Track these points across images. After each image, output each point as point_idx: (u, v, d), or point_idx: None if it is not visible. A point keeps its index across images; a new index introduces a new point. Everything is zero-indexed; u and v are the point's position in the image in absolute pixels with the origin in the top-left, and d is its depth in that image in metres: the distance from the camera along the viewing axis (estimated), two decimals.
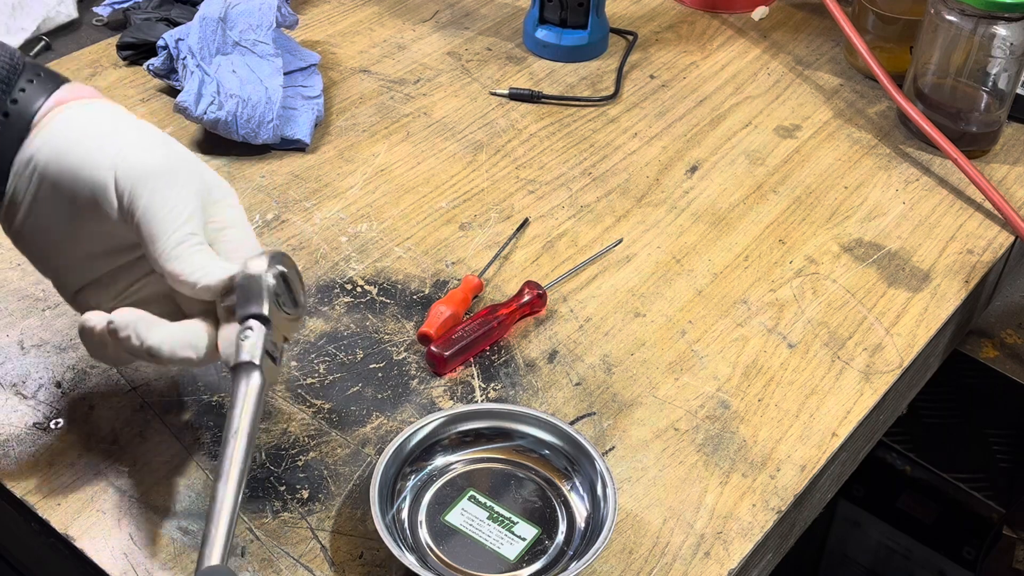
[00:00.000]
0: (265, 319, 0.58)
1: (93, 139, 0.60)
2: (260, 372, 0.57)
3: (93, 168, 0.60)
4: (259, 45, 0.94)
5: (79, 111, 0.62)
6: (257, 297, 0.58)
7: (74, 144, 0.60)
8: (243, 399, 0.57)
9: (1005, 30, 0.91)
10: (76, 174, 0.60)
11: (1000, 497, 1.15)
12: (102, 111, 0.63)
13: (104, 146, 0.60)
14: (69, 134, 0.61)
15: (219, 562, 0.53)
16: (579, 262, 0.84)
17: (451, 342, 0.75)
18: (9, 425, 0.70)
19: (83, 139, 0.60)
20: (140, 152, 0.61)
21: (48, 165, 0.60)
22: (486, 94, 1.02)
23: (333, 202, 0.89)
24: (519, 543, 0.64)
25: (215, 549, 0.53)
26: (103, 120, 0.62)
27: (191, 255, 0.60)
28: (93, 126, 0.61)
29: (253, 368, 0.57)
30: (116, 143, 0.61)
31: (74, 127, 0.61)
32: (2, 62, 0.61)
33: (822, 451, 0.72)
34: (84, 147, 0.60)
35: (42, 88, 0.62)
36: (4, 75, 0.61)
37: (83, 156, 0.60)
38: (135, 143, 0.61)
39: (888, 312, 0.82)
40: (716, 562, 0.65)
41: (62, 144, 0.60)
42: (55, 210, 0.61)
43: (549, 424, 0.69)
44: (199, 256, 0.60)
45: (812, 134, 0.99)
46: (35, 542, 0.68)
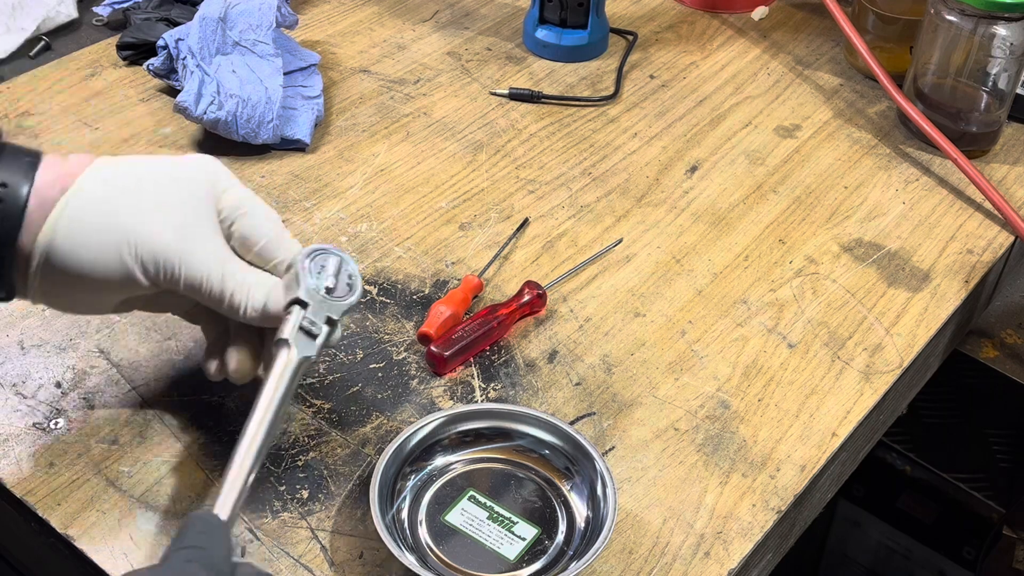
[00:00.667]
0: (301, 302, 0.63)
1: (100, 236, 0.60)
2: (293, 347, 0.62)
3: (115, 266, 0.61)
4: (259, 45, 0.94)
5: (73, 208, 0.60)
6: (293, 285, 0.64)
7: (87, 250, 0.60)
8: (277, 372, 0.62)
9: (1005, 30, 0.91)
10: (104, 275, 0.61)
11: (1000, 497, 1.15)
12: (92, 196, 0.61)
13: (114, 241, 0.60)
14: (74, 242, 0.60)
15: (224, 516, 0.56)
16: (579, 262, 0.84)
17: (451, 342, 0.75)
18: (9, 425, 0.70)
19: (92, 242, 0.60)
20: (151, 229, 0.61)
21: (70, 273, 0.60)
22: (486, 94, 1.02)
23: (333, 202, 0.89)
24: (519, 543, 0.64)
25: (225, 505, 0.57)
26: (99, 211, 0.61)
27: (244, 296, 0.63)
28: (95, 221, 0.60)
29: (286, 344, 0.62)
30: (125, 230, 0.60)
31: (76, 229, 0.60)
32: None
33: (822, 451, 0.72)
34: (98, 251, 0.60)
35: (17, 181, 0.59)
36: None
37: (101, 259, 0.60)
38: (141, 221, 0.61)
39: (888, 312, 0.82)
40: (716, 562, 0.65)
41: (75, 255, 0.60)
42: (92, 297, 0.63)
43: (549, 424, 0.69)
44: (255, 295, 0.63)
45: (812, 134, 0.99)
46: (35, 542, 0.68)
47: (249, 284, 0.63)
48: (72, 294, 0.63)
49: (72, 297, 0.63)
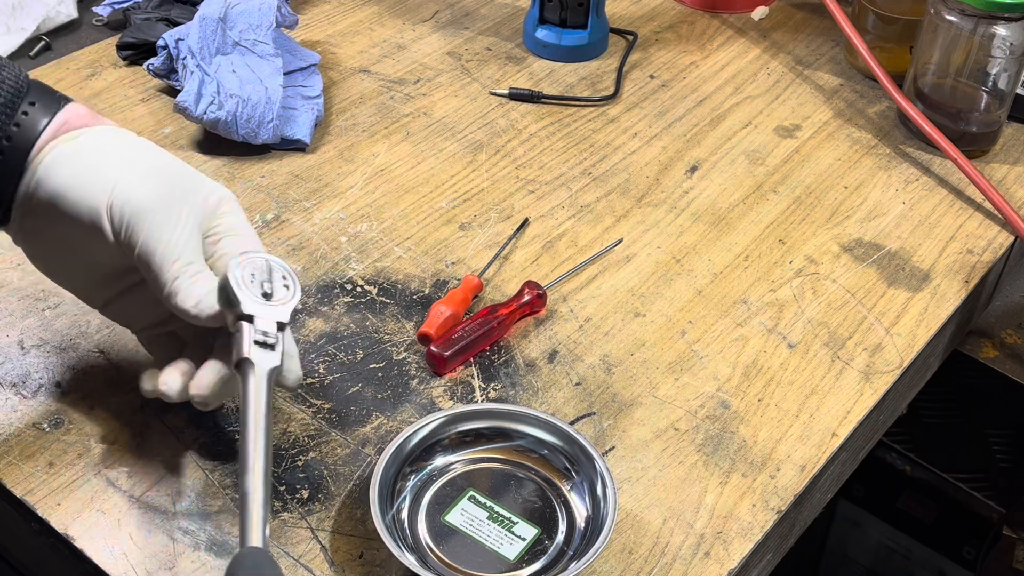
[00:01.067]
0: (246, 316, 0.61)
1: (87, 175, 0.61)
2: (255, 364, 0.61)
3: (88, 206, 0.61)
4: (259, 45, 0.94)
5: (75, 144, 0.62)
6: (232, 301, 0.62)
7: (69, 181, 0.61)
8: (251, 393, 0.60)
9: (1005, 30, 0.91)
10: (75, 211, 0.61)
11: (1000, 497, 1.15)
12: (98, 141, 0.63)
13: (96, 183, 0.61)
14: (65, 170, 0.61)
15: (260, 544, 0.55)
16: (579, 262, 0.84)
17: (451, 342, 0.75)
18: (9, 425, 0.70)
19: (77, 176, 0.61)
20: (132, 187, 0.61)
21: (49, 202, 0.61)
22: (486, 94, 1.02)
23: (333, 202, 0.89)
24: (519, 543, 0.64)
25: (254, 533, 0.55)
26: (98, 152, 0.62)
27: (189, 288, 0.62)
28: (88, 160, 0.62)
29: (248, 363, 0.61)
30: (109, 178, 0.61)
31: (69, 162, 0.62)
32: (7, 84, 0.62)
33: (822, 451, 0.72)
34: (79, 185, 0.61)
35: (44, 110, 0.62)
36: (8, 97, 0.61)
37: (78, 194, 0.61)
38: (128, 177, 0.62)
39: (888, 312, 0.82)
40: (716, 562, 0.65)
41: (59, 181, 0.61)
42: (63, 241, 0.63)
43: (549, 424, 0.69)
44: (197, 287, 0.62)
45: (812, 134, 0.99)
46: (35, 542, 0.68)
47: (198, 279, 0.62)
48: (45, 230, 0.63)
49: (43, 236, 0.64)
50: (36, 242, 0.65)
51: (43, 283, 0.79)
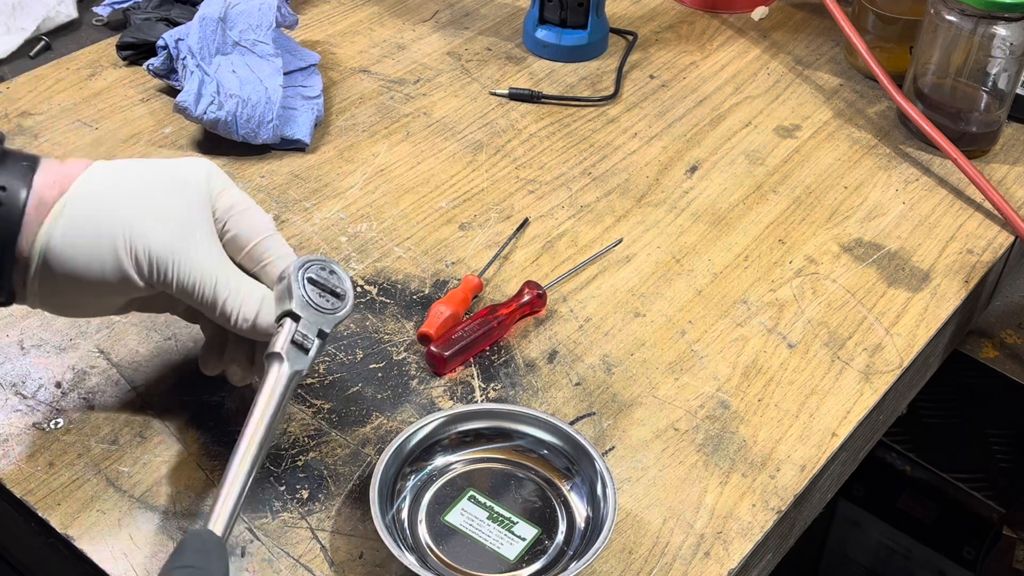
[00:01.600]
0: (294, 315, 0.63)
1: (96, 239, 0.60)
2: (285, 361, 0.63)
3: (111, 268, 0.61)
4: (259, 45, 0.94)
5: (69, 213, 0.60)
6: (284, 297, 0.64)
7: (83, 252, 0.60)
8: (269, 386, 0.62)
9: (1005, 30, 0.91)
10: (100, 276, 0.61)
11: (1000, 497, 1.15)
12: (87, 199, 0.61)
13: (109, 243, 0.60)
14: (72, 244, 0.60)
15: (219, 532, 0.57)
16: (579, 262, 0.84)
17: (451, 342, 0.75)
18: (9, 425, 0.70)
19: (88, 244, 0.60)
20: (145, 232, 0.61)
21: (67, 275, 0.61)
22: (486, 94, 1.02)
23: (333, 202, 0.89)
24: (519, 543, 0.64)
25: (219, 520, 0.58)
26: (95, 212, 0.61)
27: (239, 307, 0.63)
28: (90, 226, 0.60)
29: (279, 358, 0.63)
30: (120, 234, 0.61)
31: (73, 233, 0.60)
32: None
33: (822, 451, 0.72)
34: (93, 252, 0.60)
35: (15, 186, 0.59)
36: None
37: (96, 261, 0.61)
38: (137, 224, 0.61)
39: (888, 312, 0.82)
40: (716, 562, 0.65)
41: (72, 257, 0.60)
42: (90, 300, 0.64)
43: (549, 424, 0.69)
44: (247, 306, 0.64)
45: (812, 134, 0.99)
46: (35, 542, 0.68)
47: (243, 294, 0.64)
48: (71, 297, 0.63)
49: (71, 300, 0.63)
50: (62, 309, 0.65)
51: None
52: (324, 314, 0.65)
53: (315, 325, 0.64)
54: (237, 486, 0.59)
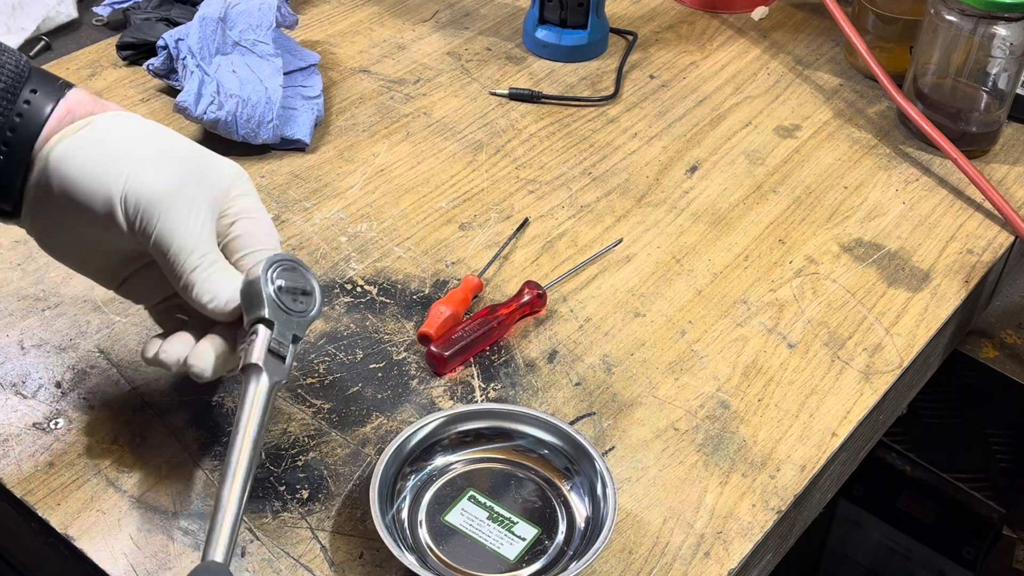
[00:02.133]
0: (267, 322, 0.61)
1: (99, 167, 0.60)
2: (265, 373, 0.60)
3: (102, 198, 0.60)
4: (259, 45, 0.94)
5: (84, 134, 0.61)
6: (257, 303, 0.61)
7: (82, 173, 0.60)
8: (250, 400, 0.60)
9: (1005, 30, 0.91)
10: (89, 203, 0.61)
11: (1000, 497, 1.15)
12: (107, 130, 0.62)
13: (109, 174, 0.60)
14: (76, 162, 0.60)
15: (222, 560, 0.55)
16: (579, 262, 0.84)
17: (451, 342, 0.75)
18: (9, 425, 0.70)
19: (89, 168, 0.60)
20: (145, 177, 0.61)
21: (62, 194, 0.61)
22: (486, 94, 1.02)
23: (333, 202, 0.89)
24: (519, 543, 0.64)
25: (219, 547, 0.55)
26: (108, 142, 0.61)
27: (205, 282, 0.62)
28: (99, 151, 0.61)
29: (257, 370, 0.60)
30: (122, 170, 0.61)
31: (80, 154, 0.61)
32: (7, 69, 0.60)
33: (822, 451, 0.72)
34: (91, 176, 0.60)
35: (47, 98, 0.61)
36: (9, 83, 0.60)
37: (92, 186, 0.60)
38: (140, 165, 0.61)
39: (888, 312, 0.82)
40: (716, 562, 0.65)
41: (71, 174, 0.60)
42: (77, 231, 0.62)
43: (549, 424, 0.69)
44: (213, 283, 0.62)
45: (812, 134, 0.99)
46: (35, 542, 0.68)
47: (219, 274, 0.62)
48: (58, 221, 0.62)
49: (58, 226, 0.63)
50: (50, 233, 0.64)
51: (43, 283, 0.79)
52: (295, 317, 0.63)
53: (288, 330, 0.62)
54: (232, 508, 0.57)
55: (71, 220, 0.62)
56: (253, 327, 0.61)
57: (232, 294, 0.62)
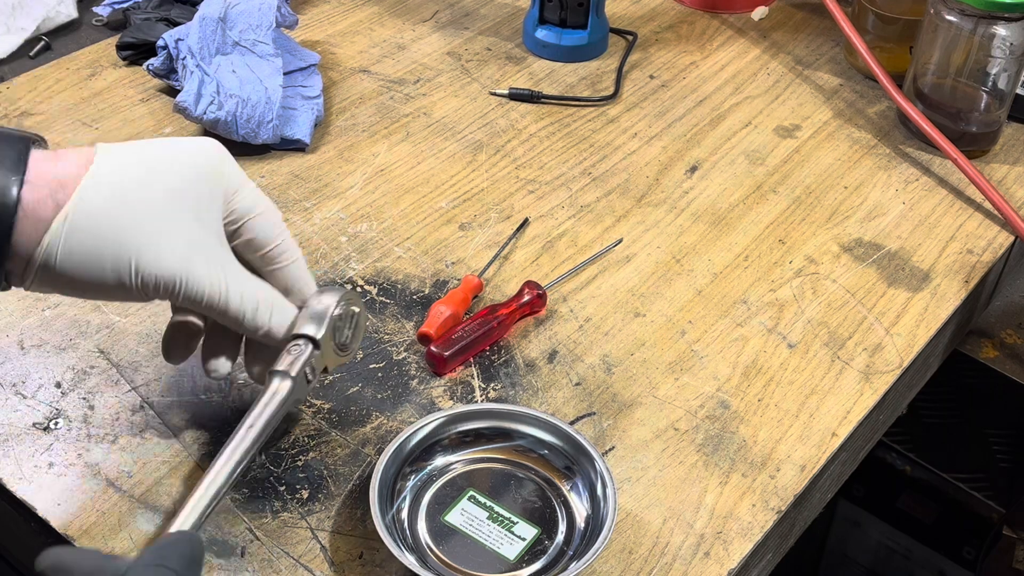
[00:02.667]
0: (316, 343, 0.63)
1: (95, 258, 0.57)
2: (292, 383, 0.62)
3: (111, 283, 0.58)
4: (259, 45, 0.94)
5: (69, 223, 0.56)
6: (318, 321, 0.63)
7: (82, 263, 0.57)
8: (267, 399, 0.62)
9: (1005, 30, 0.91)
10: (93, 285, 0.58)
11: (1000, 497, 1.15)
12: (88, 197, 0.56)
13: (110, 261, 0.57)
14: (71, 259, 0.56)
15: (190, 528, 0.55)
16: (579, 262, 0.84)
17: (451, 342, 0.75)
18: (9, 425, 0.70)
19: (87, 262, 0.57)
20: (148, 253, 0.58)
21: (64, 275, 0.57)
22: (486, 94, 1.02)
23: (333, 202, 0.89)
24: (519, 543, 0.64)
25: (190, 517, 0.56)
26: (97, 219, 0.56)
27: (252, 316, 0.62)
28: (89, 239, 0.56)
29: (287, 377, 0.62)
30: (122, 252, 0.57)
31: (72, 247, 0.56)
32: None
33: (822, 451, 0.72)
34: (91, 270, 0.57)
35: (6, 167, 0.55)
36: None
37: (95, 274, 0.57)
38: (145, 240, 0.58)
39: (888, 312, 0.82)
40: (716, 562, 0.65)
41: (69, 270, 0.57)
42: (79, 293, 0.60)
43: (549, 424, 0.69)
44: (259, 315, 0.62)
45: (812, 134, 0.99)
46: (35, 542, 0.68)
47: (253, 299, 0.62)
48: (70, 293, 0.61)
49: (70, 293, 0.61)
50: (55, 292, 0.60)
51: None
52: (338, 356, 0.65)
53: (323, 361, 0.64)
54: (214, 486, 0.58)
55: (84, 293, 0.60)
56: (299, 340, 0.63)
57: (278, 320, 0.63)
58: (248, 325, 0.63)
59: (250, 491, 0.67)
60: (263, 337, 0.64)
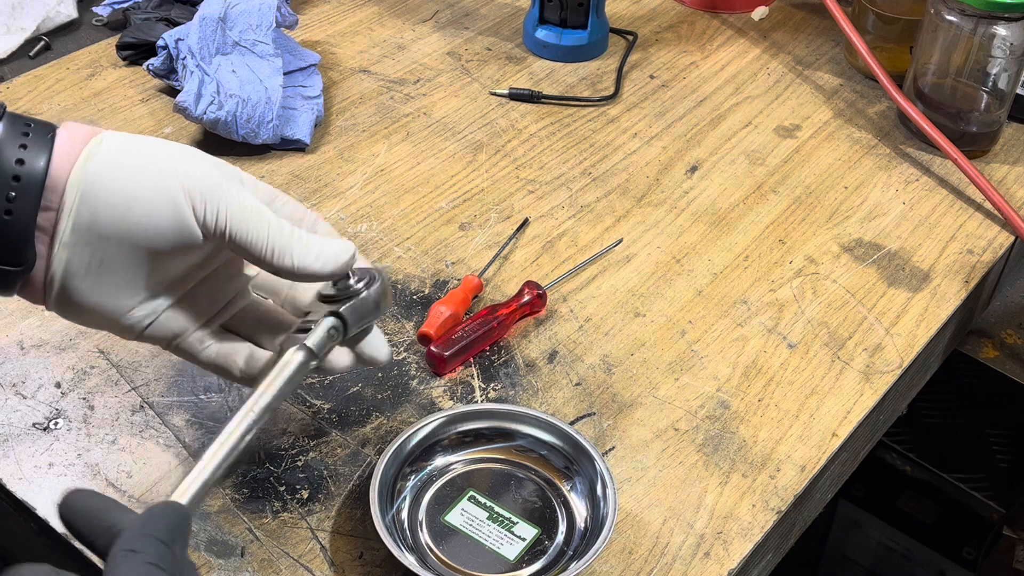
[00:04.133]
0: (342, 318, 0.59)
1: (145, 169, 0.55)
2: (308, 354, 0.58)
3: (165, 203, 0.55)
4: (259, 45, 0.94)
5: (108, 146, 0.56)
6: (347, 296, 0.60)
7: (132, 192, 0.55)
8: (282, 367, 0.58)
9: (1005, 30, 0.91)
10: (149, 218, 0.55)
11: (1000, 497, 1.15)
12: (123, 139, 0.57)
13: (162, 176, 0.55)
14: (119, 171, 0.55)
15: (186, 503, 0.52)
16: (579, 262, 0.84)
17: (451, 342, 0.75)
18: (9, 425, 0.70)
19: (137, 171, 0.55)
20: (198, 167, 0.57)
21: (114, 225, 0.55)
22: (486, 94, 1.02)
23: (333, 202, 0.89)
24: (519, 543, 0.64)
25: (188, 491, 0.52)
26: (138, 148, 0.56)
27: (301, 245, 0.58)
28: (136, 158, 0.56)
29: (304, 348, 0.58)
30: (170, 168, 0.56)
31: (118, 179, 0.55)
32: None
33: (822, 451, 0.72)
34: (146, 190, 0.55)
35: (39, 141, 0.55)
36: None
37: (151, 200, 0.55)
38: (187, 161, 0.57)
39: (888, 312, 0.82)
40: (716, 562, 0.65)
41: (119, 199, 0.55)
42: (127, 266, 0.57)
43: (549, 424, 0.69)
44: (308, 243, 0.58)
45: (812, 134, 0.99)
46: (35, 542, 0.68)
47: (311, 238, 0.58)
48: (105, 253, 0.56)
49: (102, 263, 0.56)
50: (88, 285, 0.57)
51: None
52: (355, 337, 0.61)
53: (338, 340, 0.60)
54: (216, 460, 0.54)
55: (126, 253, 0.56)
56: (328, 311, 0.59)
57: (333, 252, 0.58)
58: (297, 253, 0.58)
59: (250, 491, 0.67)
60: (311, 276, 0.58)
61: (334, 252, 0.59)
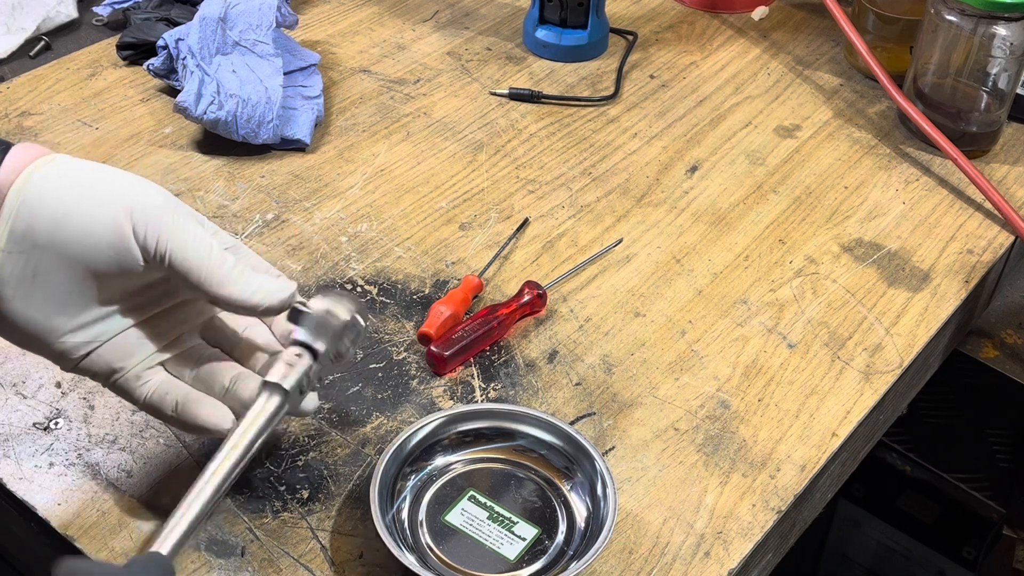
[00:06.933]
0: (316, 355, 0.59)
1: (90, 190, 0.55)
2: (284, 397, 0.58)
3: (105, 219, 0.55)
4: (259, 45, 0.94)
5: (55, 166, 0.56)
6: (322, 332, 0.59)
7: (72, 205, 0.55)
8: (257, 413, 0.58)
9: (1005, 30, 0.91)
10: (87, 232, 0.55)
11: (1000, 497, 1.15)
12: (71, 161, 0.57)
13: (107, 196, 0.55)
14: (58, 197, 0.55)
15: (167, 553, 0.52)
16: (579, 262, 0.84)
17: (451, 342, 0.75)
18: (9, 425, 0.70)
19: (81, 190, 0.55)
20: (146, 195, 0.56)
21: (50, 234, 0.55)
22: (486, 94, 1.02)
23: (333, 202, 0.89)
24: (519, 543, 0.64)
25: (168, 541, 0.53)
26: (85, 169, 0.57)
27: (241, 277, 0.58)
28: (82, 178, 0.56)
29: (280, 391, 0.58)
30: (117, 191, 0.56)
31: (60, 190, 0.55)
32: None
33: (822, 451, 0.72)
34: (86, 205, 0.55)
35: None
36: None
37: (90, 215, 0.55)
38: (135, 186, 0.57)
39: (888, 312, 0.82)
40: (716, 562, 0.65)
41: (58, 209, 0.55)
42: (61, 281, 0.56)
43: (549, 424, 0.69)
44: (249, 276, 0.58)
45: (812, 134, 0.99)
46: (35, 542, 0.68)
47: (254, 273, 0.58)
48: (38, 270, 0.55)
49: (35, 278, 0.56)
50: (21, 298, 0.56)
51: None
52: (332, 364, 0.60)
53: (318, 373, 0.60)
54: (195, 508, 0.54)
55: (61, 268, 0.56)
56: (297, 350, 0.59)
57: (280, 293, 0.58)
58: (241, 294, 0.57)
59: (250, 491, 0.67)
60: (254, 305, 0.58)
61: (273, 288, 0.58)
